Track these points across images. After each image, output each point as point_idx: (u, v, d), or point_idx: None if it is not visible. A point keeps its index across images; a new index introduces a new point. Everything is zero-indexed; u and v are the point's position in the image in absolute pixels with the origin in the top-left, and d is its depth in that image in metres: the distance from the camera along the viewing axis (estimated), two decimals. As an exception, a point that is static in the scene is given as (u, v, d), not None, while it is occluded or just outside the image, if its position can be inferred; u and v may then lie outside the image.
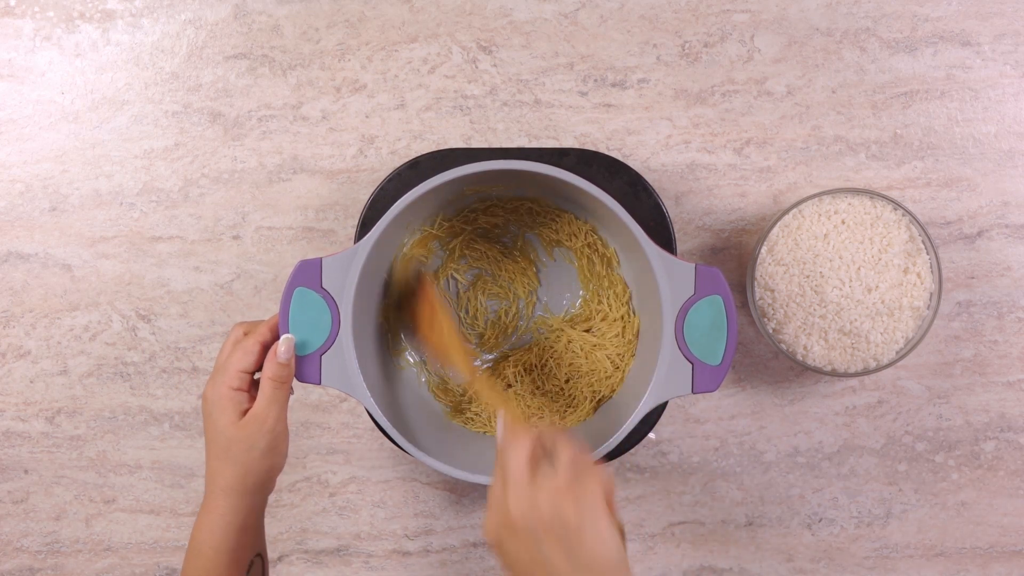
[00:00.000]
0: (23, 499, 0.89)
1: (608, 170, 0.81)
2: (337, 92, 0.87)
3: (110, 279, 0.88)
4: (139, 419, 0.89)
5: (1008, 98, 0.87)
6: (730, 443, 0.89)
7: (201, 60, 0.87)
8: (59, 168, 0.88)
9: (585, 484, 0.59)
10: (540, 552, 0.58)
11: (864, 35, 0.87)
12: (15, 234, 0.88)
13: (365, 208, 0.81)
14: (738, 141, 0.87)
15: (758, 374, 0.88)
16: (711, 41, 0.87)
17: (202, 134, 0.87)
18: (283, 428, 0.71)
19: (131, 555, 0.90)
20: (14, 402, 0.89)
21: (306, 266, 0.73)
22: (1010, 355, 0.88)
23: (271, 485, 0.73)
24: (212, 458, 0.70)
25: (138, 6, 0.87)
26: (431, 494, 0.90)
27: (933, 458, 0.89)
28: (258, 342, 0.71)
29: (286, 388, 0.70)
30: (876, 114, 0.87)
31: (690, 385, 0.73)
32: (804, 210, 0.82)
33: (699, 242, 0.88)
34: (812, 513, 0.89)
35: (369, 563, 0.90)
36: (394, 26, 0.87)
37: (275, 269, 0.88)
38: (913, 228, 0.81)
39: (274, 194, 0.88)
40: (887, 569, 0.89)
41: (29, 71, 0.88)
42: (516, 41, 0.87)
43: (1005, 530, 0.89)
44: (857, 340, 0.81)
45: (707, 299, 0.73)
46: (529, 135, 0.87)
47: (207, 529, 0.70)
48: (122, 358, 0.89)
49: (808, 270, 0.81)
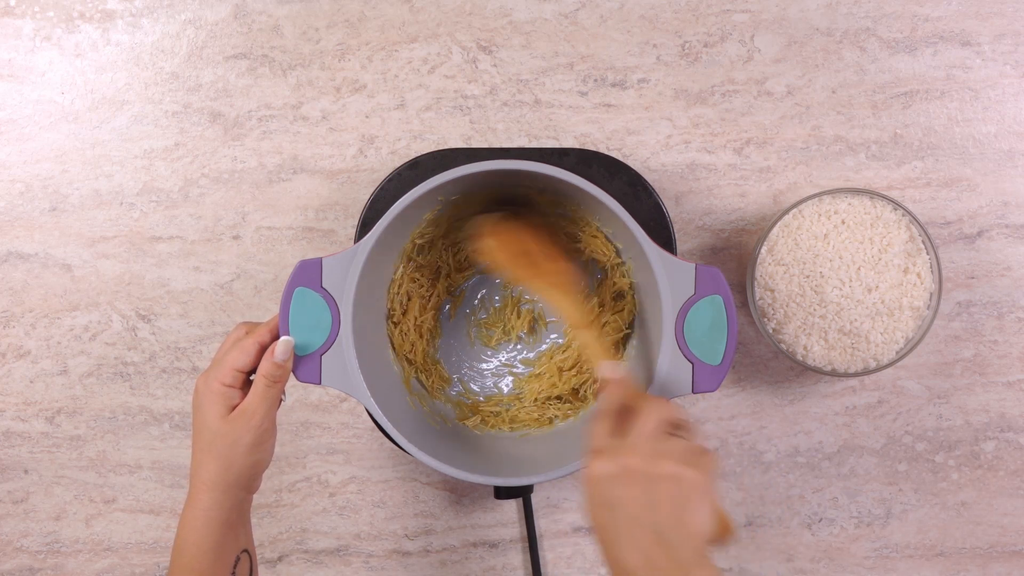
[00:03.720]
0: (23, 499, 0.89)
1: (608, 170, 0.81)
2: (337, 92, 0.87)
3: (110, 279, 0.88)
4: (139, 419, 0.89)
5: (1008, 98, 0.87)
6: (730, 443, 0.89)
7: (201, 60, 0.87)
8: (59, 168, 0.88)
9: (707, 461, 0.62)
10: (651, 500, 0.60)
11: (864, 35, 0.87)
12: (15, 234, 0.88)
13: (365, 208, 0.81)
14: (738, 141, 0.87)
15: (758, 374, 0.88)
16: (711, 41, 0.87)
17: (202, 134, 0.87)
18: (270, 425, 0.71)
19: (131, 555, 0.90)
20: (14, 402, 0.89)
21: (306, 266, 0.73)
22: (1010, 355, 0.88)
23: (256, 483, 0.73)
24: (197, 451, 0.71)
25: (138, 6, 0.87)
26: (431, 494, 0.90)
27: (933, 458, 0.89)
28: (257, 343, 0.71)
29: (278, 388, 0.71)
30: (876, 114, 0.87)
31: (690, 385, 0.73)
32: (804, 210, 0.82)
33: (699, 242, 0.88)
34: (812, 513, 0.89)
35: (369, 563, 0.90)
36: (394, 26, 0.87)
37: (275, 269, 0.88)
38: (913, 228, 0.81)
39: (274, 194, 0.88)
40: (887, 569, 0.89)
41: (29, 71, 0.88)
42: (516, 41, 0.87)
43: (1005, 530, 0.89)
44: (857, 340, 0.81)
45: (707, 299, 0.73)
46: (529, 135, 0.87)
47: (190, 525, 0.70)
48: (122, 358, 0.89)
49: (808, 270, 0.81)
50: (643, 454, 0.61)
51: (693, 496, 0.60)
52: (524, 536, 0.89)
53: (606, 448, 0.63)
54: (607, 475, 0.61)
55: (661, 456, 0.61)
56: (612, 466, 0.62)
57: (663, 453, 0.61)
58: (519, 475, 0.75)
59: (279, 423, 0.86)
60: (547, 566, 0.89)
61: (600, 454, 0.63)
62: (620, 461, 0.61)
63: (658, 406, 0.64)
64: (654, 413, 0.64)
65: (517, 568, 0.89)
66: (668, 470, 0.60)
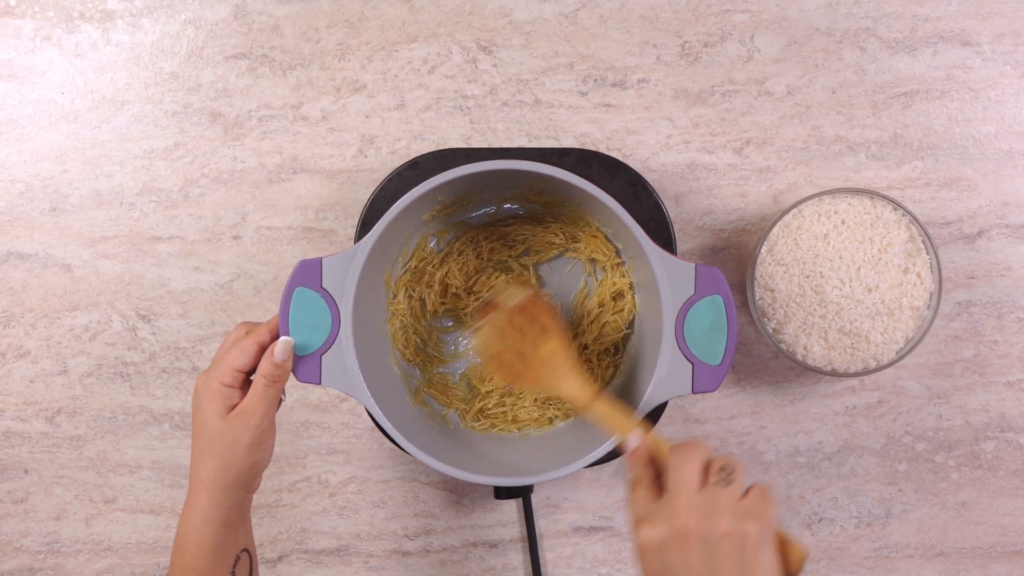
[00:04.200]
0: (23, 499, 0.89)
1: (608, 170, 0.81)
2: (337, 92, 0.87)
3: (110, 279, 0.88)
4: (139, 419, 0.89)
5: (1008, 98, 0.87)
6: (730, 443, 0.89)
7: (201, 60, 0.87)
8: (59, 168, 0.88)
9: (764, 505, 0.58)
10: (712, 562, 0.56)
11: (864, 35, 0.87)
12: (15, 234, 0.88)
13: (365, 208, 0.81)
14: (738, 141, 0.87)
15: (758, 374, 0.88)
16: (711, 41, 0.87)
17: (202, 134, 0.87)
18: (269, 425, 0.71)
19: (131, 555, 0.90)
20: (14, 402, 0.89)
21: (306, 266, 0.73)
22: (1010, 355, 0.88)
23: (255, 483, 0.73)
24: (196, 450, 0.71)
25: (138, 6, 0.87)
26: (431, 494, 0.90)
27: (933, 458, 0.89)
28: (256, 343, 0.71)
29: (277, 388, 0.71)
30: (876, 114, 0.87)
31: (690, 385, 0.73)
32: (804, 210, 0.82)
33: (699, 242, 0.88)
34: (812, 513, 0.89)
35: (369, 563, 0.90)
36: (394, 26, 0.87)
37: (275, 269, 0.88)
38: (913, 228, 0.81)
39: (274, 194, 0.88)
40: (887, 569, 0.89)
41: (29, 71, 0.88)
42: (516, 41, 0.87)
43: (1005, 530, 0.89)
44: (857, 340, 0.81)
45: (707, 299, 0.73)
46: (529, 135, 0.87)
47: (189, 524, 0.70)
48: (122, 358, 0.89)
49: (808, 270, 0.81)
50: (693, 511, 0.58)
51: (763, 544, 0.57)
52: (524, 536, 0.89)
53: (650, 514, 0.60)
54: (658, 542, 0.58)
55: (714, 510, 0.57)
56: (662, 531, 0.58)
57: (715, 506, 0.57)
58: (519, 475, 0.75)
59: (279, 423, 0.87)
60: (547, 566, 0.89)
61: (645, 519, 0.59)
62: (670, 522, 0.58)
63: (690, 453, 0.60)
64: (691, 461, 0.60)
65: (517, 568, 0.89)
66: (725, 528, 0.57)
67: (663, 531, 0.58)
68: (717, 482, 0.59)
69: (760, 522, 0.57)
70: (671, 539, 0.58)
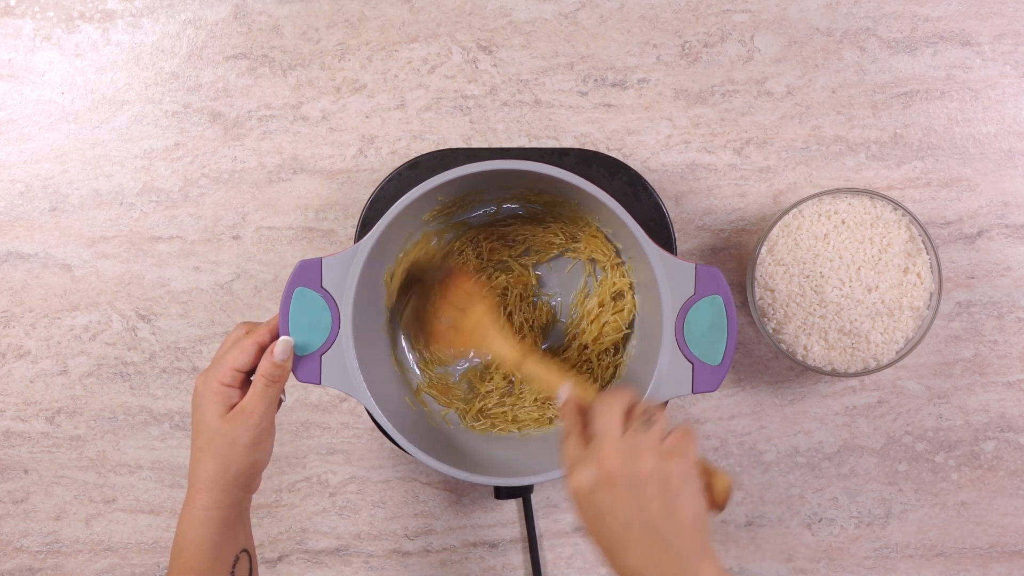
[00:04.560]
0: (23, 499, 0.89)
1: (608, 170, 0.81)
2: (337, 92, 0.87)
3: (110, 279, 0.88)
4: (139, 419, 0.89)
5: (1008, 98, 0.87)
6: (730, 443, 0.89)
7: (201, 60, 0.87)
8: (59, 168, 0.88)
9: (685, 444, 0.62)
10: (638, 502, 0.59)
11: (864, 35, 0.87)
12: (15, 234, 0.88)
13: (365, 208, 0.81)
14: (738, 141, 0.87)
15: (758, 374, 0.88)
16: (711, 41, 0.87)
17: (202, 134, 0.88)
18: (268, 425, 0.71)
19: (131, 555, 0.90)
20: (14, 402, 0.89)
21: (306, 266, 0.73)
22: (1010, 355, 0.88)
23: (255, 482, 0.73)
24: (195, 450, 0.71)
25: (138, 6, 0.87)
26: (431, 494, 0.90)
27: (933, 458, 0.89)
28: (256, 343, 0.71)
29: (277, 387, 0.71)
30: (876, 114, 0.87)
31: (690, 385, 0.73)
32: (804, 210, 0.82)
33: (699, 242, 0.88)
34: (812, 513, 0.89)
35: (369, 563, 0.90)
36: (394, 26, 0.87)
37: (275, 269, 0.88)
38: (913, 228, 0.81)
39: (274, 194, 0.88)
40: (887, 569, 0.89)
41: (29, 71, 0.88)
42: (516, 41, 0.87)
43: (1005, 530, 0.89)
44: (857, 340, 0.81)
45: (707, 299, 0.73)
46: (529, 135, 0.87)
47: (188, 524, 0.70)
48: (122, 358, 0.89)
49: (808, 270, 0.81)
50: (618, 454, 0.61)
51: (685, 481, 0.60)
52: (524, 536, 0.89)
53: (580, 458, 0.63)
54: (588, 485, 0.61)
55: (637, 452, 0.60)
56: (591, 474, 0.61)
57: (638, 448, 0.61)
58: (519, 475, 0.75)
59: (279, 423, 0.87)
60: (547, 566, 0.89)
61: (576, 465, 0.62)
62: (598, 467, 0.61)
63: (613, 399, 0.64)
64: (613, 408, 0.63)
65: (517, 568, 0.89)
66: (648, 468, 0.60)
67: (592, 476, 0.61)
68: (639, 426, 0.62)
69: (683, 460, 0.61)
70: (600, 483, 0.61)
